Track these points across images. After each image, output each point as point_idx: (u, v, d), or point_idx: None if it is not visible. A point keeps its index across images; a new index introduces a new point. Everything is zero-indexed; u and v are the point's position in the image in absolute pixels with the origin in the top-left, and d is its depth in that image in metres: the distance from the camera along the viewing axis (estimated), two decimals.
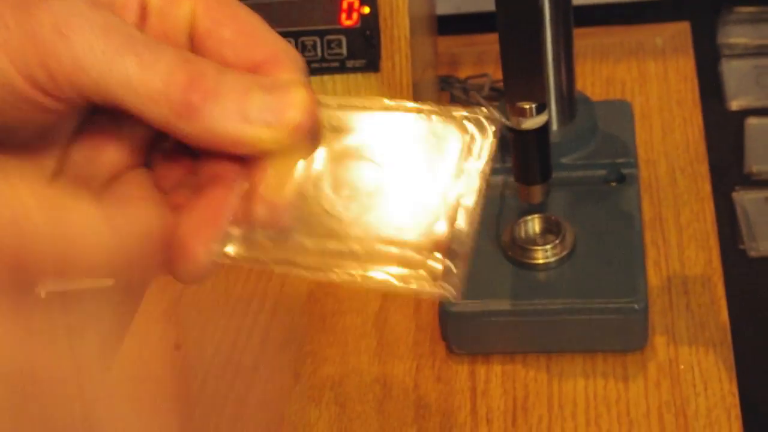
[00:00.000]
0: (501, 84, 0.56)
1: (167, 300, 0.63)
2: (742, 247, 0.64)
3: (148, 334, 0.32)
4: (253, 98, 0.29)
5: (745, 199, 0.67)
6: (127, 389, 0.29)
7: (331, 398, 0.58)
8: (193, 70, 0.29)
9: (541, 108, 0.54)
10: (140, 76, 0.28)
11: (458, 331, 0.57)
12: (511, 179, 0.61)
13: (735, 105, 0.75)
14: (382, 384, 0.58)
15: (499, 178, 0.63)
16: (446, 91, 0.75)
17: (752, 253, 0.64)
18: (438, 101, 0.73)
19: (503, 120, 0.54)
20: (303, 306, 0.64)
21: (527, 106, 0.53)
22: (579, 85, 0.74)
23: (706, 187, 0.67)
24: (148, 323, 0.32)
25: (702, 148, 0.70)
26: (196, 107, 0.28)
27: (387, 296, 0.64)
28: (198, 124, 0.29)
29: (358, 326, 0.62)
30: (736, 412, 0.54)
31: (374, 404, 0.57)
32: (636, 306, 0.55)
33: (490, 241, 0.60)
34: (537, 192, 0.57)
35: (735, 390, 0.55)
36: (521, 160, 0.56)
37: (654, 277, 0.61)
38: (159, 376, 0.31)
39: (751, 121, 0.74)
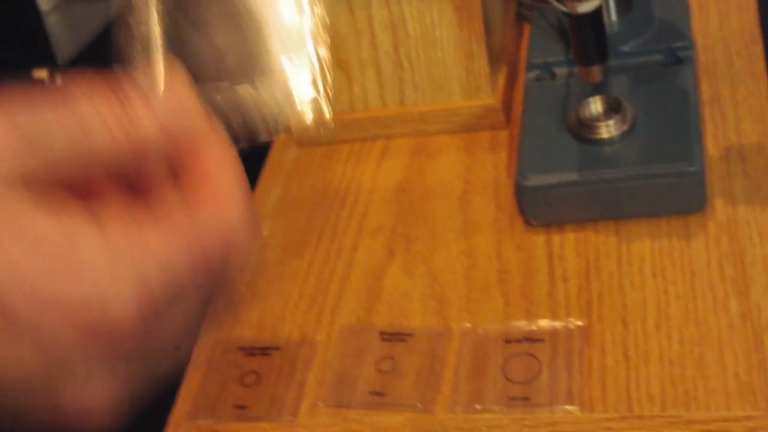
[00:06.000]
0: None
1: None
2: None
3: None
4: None
5: None
6: None
7: (423, 270, 0.65)
8: None
9: None
10: None
11: (533, 203, 0.63)
12: (575, 69, 0.67)
13: None
14: (468, 255, 0.65)
15: (563, 69, 0.69)
16: None
17: None
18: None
19: (561, 8, 0.60)
20: (393, 196, 0.71)
21: None
22: None
23: (761, 67, 0.71)
24: None
25: (756, 31, 0.74)
26: None
27: (468, 182, 0.70)
28: None
29: (444, 209, 0.69)
30: None
31: (462, 272, 0.64)
32: (692, 168, 0.60)
33: (558, 123, 0.65)
34: (596, 71, 0.63)
35: None
36: (580, 43, 0.61)
37: (713, 148, 0.66)
38: None
39: None
